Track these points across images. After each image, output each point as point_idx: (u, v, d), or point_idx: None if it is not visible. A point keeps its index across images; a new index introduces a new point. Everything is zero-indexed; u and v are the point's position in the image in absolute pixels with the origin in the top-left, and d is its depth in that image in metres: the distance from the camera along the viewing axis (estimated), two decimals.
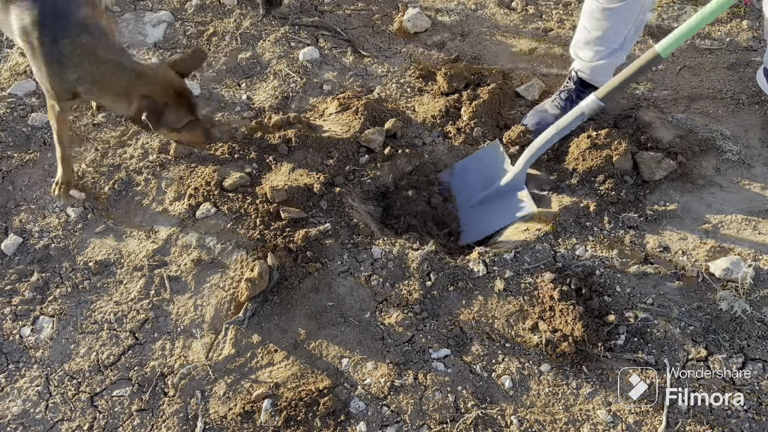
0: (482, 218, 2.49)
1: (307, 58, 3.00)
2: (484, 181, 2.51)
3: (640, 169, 2.41)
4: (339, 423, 1.78)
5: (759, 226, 2.22)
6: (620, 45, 2.42)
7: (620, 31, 2.37)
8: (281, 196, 2.34)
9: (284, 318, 2.03)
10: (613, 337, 1.94)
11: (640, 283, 2.08)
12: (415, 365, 1.91)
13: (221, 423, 1.82)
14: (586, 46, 2.46)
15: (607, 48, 2.42)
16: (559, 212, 2.30)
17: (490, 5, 3.33)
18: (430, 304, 2.05)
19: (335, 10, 3.32)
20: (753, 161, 2.46)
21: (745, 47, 2.95)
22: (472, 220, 2.51)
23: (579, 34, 2.48)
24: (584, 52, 2.49)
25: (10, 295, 2.14)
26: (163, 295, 2.12)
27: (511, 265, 2.14)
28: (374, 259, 2.16)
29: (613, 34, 2.38)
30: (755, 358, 1.88)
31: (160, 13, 3.19)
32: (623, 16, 2.31)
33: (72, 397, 1.90)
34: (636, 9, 2.30)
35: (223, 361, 1.95)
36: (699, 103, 2.73)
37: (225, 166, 2.49)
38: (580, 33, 2.48)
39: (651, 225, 2.26)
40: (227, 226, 2.27)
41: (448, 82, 2.79)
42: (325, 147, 2.55)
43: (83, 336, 2.03)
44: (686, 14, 3.18)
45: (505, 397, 1.84)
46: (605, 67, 2.48)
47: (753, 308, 1.97)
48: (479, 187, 2.51)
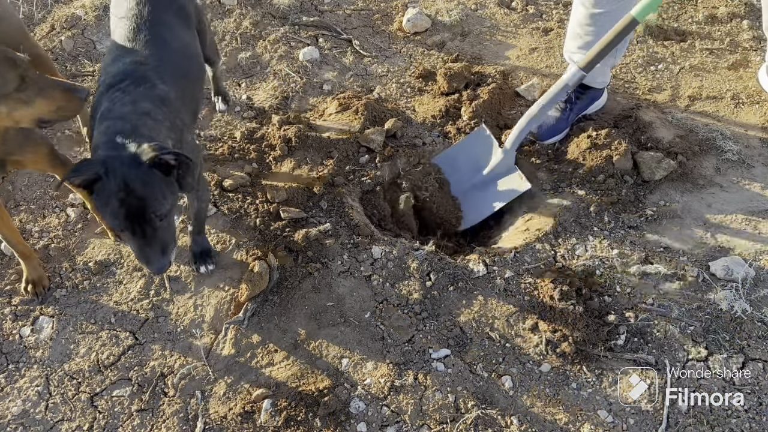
0: (478, 202, 2.52)
1: (307, 58, 3.00)
2: (474, 166, 2.53)
3: (640, 169, 2.41)
4: (339, 423, 1.78)
5: (759, 226, 2.22)
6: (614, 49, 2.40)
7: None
8: (281, 196, 2.34)
9: (284, 318, 2.03)
10: (613, 337, 1.94)
11: (641, 283, 2.08)
12: (415, 365, 1.91)
13: (221, 423, 1.82)
14: (579, 50, 2.44)
15: None
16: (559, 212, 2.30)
17: (490, 5, 3.32)
18: (430, 304, 2.05)
19: (335, 10, 3.31)
20: (753, 161, 2.46)
21: (745, 47, 2.95)
22: (468, 206, 2.54)
23: (571, 39, 2.47)
24: (578, 56, 2.46)
25: (10, 295, 2.14)
26: (163, 295, 2.12)
27: (511, 265, 2.14)
28: (374, 259, 2.16)
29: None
30: (755, 358, 1.88)
31: None
32: (613, 20, 2.26)
33: (72, 397, 1.90)
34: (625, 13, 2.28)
35: (223, 361, 1.95)
36: (699, 103, 2.73)
37: (225, 166, 2.49)
38: (571, 38, 2.46)
39: (651, 225, 2.26)
40: (227, 226, 2.27)
41: (448, 82, 2.79)
42: (325, 147, 2.55)
43: (83, 336, 2.03)
44: (686, 13, 3.18)
45: (505, 397, 1.84)
46: (600, 70, 2.47)
47: (753, 308, 1.97)
48: (470, 172, 2.54)
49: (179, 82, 1.81)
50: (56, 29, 3.13)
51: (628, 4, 2.22)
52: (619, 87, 2.83)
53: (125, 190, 1.45)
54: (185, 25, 1.99)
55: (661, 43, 3.01)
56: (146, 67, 1.73)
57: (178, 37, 1.92)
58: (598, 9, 2.26)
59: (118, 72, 1.70)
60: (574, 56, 2.49)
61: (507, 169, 2.47)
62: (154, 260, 1.56)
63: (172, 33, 1.89)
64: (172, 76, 1.78)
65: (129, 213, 1.47)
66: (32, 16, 3.21)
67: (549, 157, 2.52)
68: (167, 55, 1.82)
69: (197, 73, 2.02)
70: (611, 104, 2.73)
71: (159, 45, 1.81)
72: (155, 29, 1.84)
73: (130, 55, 1.77)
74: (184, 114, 1.79)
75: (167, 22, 1.89)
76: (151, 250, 1.54)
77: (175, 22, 1.93)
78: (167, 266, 1.60)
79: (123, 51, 1.79)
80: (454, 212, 2.54)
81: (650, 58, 2.95)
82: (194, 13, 2.10)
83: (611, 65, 2.51)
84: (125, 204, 1.45)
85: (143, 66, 1.73)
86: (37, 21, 3.19)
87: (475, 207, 2.53)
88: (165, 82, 1.73)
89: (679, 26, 3.11)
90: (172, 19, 1.92)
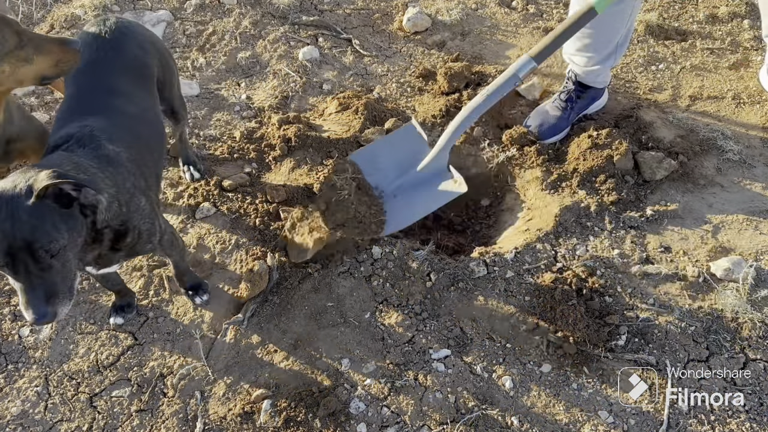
0: (405, 205, 2.25)
1: (307, 57, 2.99)
2: (400, 165, 2.29)
3: (641, 169, 2.40)
4: (339, 424, 1.78)
5: (760, 226, 2.21)
6: (613, 50, 2.40)
7: (611, 38, 2.34)
8: (281, 196, 2.34)
9: (284, 318, 2.03)
10: (614, 337, 1.94)
11: (642, 283, 2.08)
12: (416, 366, 1.90)
13: (221, 423, 1.81)
14: (578, 52, 2.44)
15: (599, 54, 2.40)
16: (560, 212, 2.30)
17: (491, 4, 3.32)
18: (430, 304, 2.04)
19: (335, 10, 3.31)
20: (754, 161, 2.46)
21: (746, 47, 2.94)
22: (393, 208, 2.25)
23: (570, 40, 2.40)
24: (577, 57, 2.47)
25: (9, 296, 2.14)
26: (163, 296, 2.11)
27: (511, 265, 2.14)
28: (374, 260, 2.16)
29: (604, 41, 2.35)
30: (756, 359, 1.88)
31: (160, 13, 3.18)
32: (610, 23, 2.27)
33: (71, 397, 1.89)
34: (623, 16, 2.26)
35: (222, 361, 1.94)
36: (700, 103, 2.72)
37: (224, 166, 2.49)
38: (570, 40, 2.41)
39: (652, 225, 2.25)
40: (227, 226, 2.27)
41: (448, 82, 2.78)
42: (325, 147, 2.54)
43: (82, 336, 2.03)
44: (687, 13, 3.17)
45: (505, 397, 1.84)
46: (600, 71, 2.47)
47: (754, 308, 1.97)
48: (394, 172, 2.30)
49: (134, 144, 1.68)
50: (56, 29, 3.12)
51: (626, 6, 2.21)
52: (620, 87, 2.83)
53: (11, 220, 1.23)
54: (143, 87, 1.86)
55: (662, 43, 3.01)
56: (94, 129, 1.60)
57: (135, 102, 1.79)
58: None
59: (64, 135, 1.58)
60: (574, 57, 2.49)
61: (440, 169, 2.23)
62: (33, 305, 1.27)
63: (126, 98, 1.77)
64: (126, 139, 1.65)
65: (11, 246, 1.23)
66: (32, 15, 3.20)
67: (549, 156, 2.51)
68: (120, 120, 1.70)
69: (157, 138, 1.86)
70: (612, 104, 2.72)
71: (111, 110, 1.70)
72: (108, 96, 1.73)
73: (79, 120, 1.64)
74: (138, 179, 1.63)
75: (121, 88, 1.78)
76: (33, 293, 1.27)
77: (131, 86, 1.81)
78: (50, 318, 1.29)
79: (72, 116, 1.67)
80: (376, 215, 2.22)
81: (651, 57, 2.94)
82: (158, 66, 1.96)
83: (611, 67, 2.50)
84: (8, 236, 1.22)
85: (91, 128, 1.60)
86: (37, 21, 3.18)
87: (401, 210, 2.24)
88: (115, 144, 1.60)
89: (680, 26, 3.10)
90: (128, 83, 1.80)
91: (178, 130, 2.33)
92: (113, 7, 3.23)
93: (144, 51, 1.90)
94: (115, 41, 1.83)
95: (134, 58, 1.86)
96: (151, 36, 2.00)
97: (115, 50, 1.82)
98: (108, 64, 1.80)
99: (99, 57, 1.79)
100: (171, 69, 2.07)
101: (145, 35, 1.95)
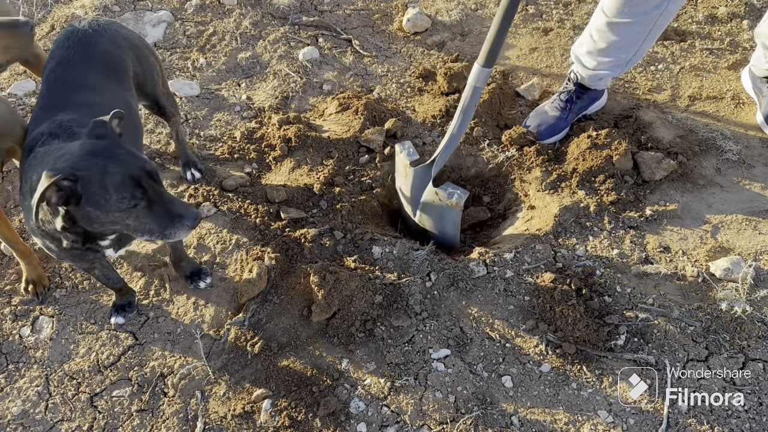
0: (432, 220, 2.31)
1: (307, 57, 3.00)
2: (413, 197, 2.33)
3: (640, 169, 2.40)
4: (339, 423, 1.78)
5: (759, 226, 2.22)
6: (625, 62, 2.37)
7: (627, 49, 2.30)
8: (281, 196, 2.34)
9: (284, 318, 2.03)
10: (614, 337, 1.94)
11: (641, 283, 2.08)
12: (415, 365, 1.90)
13: (221, 423, 1.81)
14: (589, 54, 2.40)
15: (612, 62, 2.37)
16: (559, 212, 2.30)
17: (490, 5, 3.32)
18: (430, 304, 2.05)
19: (335, 10, 3.31)
20: (753, 161, 2.46)
21: (745, 47, 2.95)
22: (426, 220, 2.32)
23: (584, 40, 2.41)
24: (587, 59, 2.43)
25: (10, 296, 2.14)
26: (163, 296, 2.12)
27: (511, 265, 2.14)
28: (374, 259, 2.16)
29: (619, 50, 2.30)
30: (755, 358, 1.88)
31: (160, 13, 3.19)
32: (630, 34, 2.22)
33: (72, 397, 1.89)
34: (644, 29, 2.20)
35: (222, 361, 1.95)
36: (699, 103, 2.73)
37: (225, 166, 2.49)
38: (585, 40, 2.40)
39: (651, 225, 2.26)
40: (227, 225, 2.27)
41: (448, 82, 2.79)
42: (325, 147, 2.55)
43: (83, 336, 2.03)
44: (686, 13, 3.18)
45: (505, 397, 1.84)
46: (605, 78, 2.46)
47: (753, 308, 1.97)
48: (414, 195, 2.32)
49: None
50: (56, 29, 3.12)
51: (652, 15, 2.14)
52: (619, 87, 2.83)
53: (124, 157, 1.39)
54: (114, 80, 1.87)
55: (661, 43, 3.01)
56: (64, 121, 1.63)
57: (103, 94, 1.80)
58: (620, 19, 2.18)
59: (37, 133, 1.61)
60: (583, 58, 2.44)
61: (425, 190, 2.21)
62: (187, 210, 1.47)
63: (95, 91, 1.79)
64: None
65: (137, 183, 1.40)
66: (32, 15, 3.20)
67: (549, 157, 2.52)
68: (89, 110, 1.69)
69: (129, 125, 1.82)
70: (611, 104, 2.73)
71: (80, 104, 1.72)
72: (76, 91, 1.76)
73: (50, 118, 1.67)
74: None
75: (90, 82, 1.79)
76: (178, 202, 1.48)
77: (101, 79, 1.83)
78: (201, 217, 1.51)
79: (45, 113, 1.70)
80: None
81: (650, 58, 2.95)
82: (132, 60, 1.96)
83: (618, 74, 2.45)
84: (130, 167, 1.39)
85: (60, 121, 1.63)
86: (37, 21, 3.18)
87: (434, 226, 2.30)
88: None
89: (679, 26, 3.11)
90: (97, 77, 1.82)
91: (173, 129, 2.32)
92: (113, 8, 3.23)
93: (116, 46, 1.91)
94: (87, 39, 1.85)
95: (104, 53, 1.87)
96: (127, 33, 2.01)
97: (86, 47, 1.84)
98: (77, 61, 1.82)
99: (69, 55, 1.82)
100: (151, 64, 2.07)
101: (119, 32, 1.96)
